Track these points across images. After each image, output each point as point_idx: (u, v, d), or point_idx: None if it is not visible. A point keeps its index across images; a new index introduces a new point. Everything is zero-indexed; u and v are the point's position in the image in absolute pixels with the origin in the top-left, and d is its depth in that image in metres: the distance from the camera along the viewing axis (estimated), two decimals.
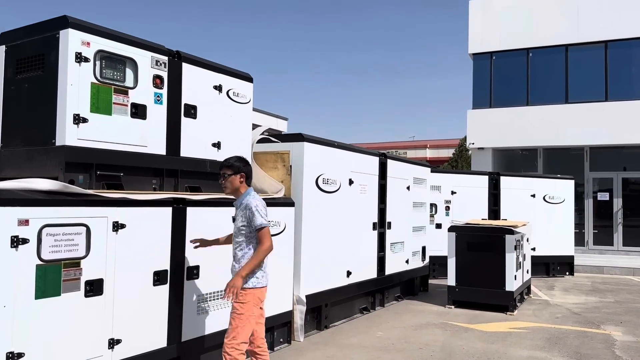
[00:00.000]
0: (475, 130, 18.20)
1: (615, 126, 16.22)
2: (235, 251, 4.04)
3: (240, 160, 4.14)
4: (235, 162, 4.09)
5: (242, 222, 3.99)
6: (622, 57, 16.81)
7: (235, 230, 4.06)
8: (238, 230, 4.02)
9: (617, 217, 16.87)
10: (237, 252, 4.02)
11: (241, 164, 4.11)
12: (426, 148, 40.96)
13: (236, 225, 4.05)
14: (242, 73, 5.42)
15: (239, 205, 4.07)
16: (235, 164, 4.08)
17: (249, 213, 3.95)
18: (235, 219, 4.09)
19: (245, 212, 3.97)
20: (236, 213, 4.09)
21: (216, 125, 5.09)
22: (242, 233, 4.00)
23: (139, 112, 4.33)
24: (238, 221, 4.03)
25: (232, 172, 4.06)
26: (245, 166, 4.14)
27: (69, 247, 3.67)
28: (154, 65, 4.46)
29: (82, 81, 3.95)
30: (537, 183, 12.41)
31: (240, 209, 4.03)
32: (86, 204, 3.77)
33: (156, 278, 4.28)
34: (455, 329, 6.96)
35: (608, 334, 6.87)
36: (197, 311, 4.68)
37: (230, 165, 4.08)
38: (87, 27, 4.02)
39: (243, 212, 4.00)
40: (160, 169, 4.59)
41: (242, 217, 3.99)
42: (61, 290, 3.62)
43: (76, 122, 3.91)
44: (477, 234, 8.43)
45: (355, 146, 7.77)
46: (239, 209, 4.06)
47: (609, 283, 11.55)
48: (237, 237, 4.03)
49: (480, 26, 18.39)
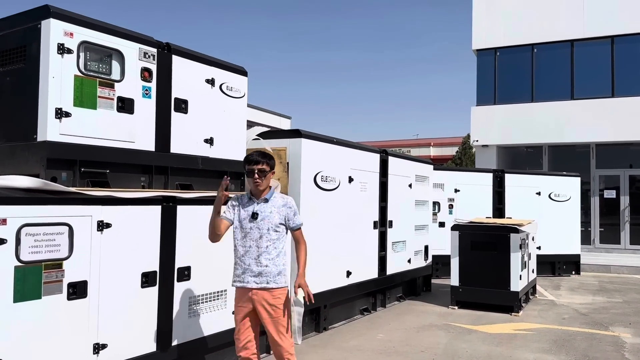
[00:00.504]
0: (479, 127, 17.96)
1: (622, 123, 15.95)
2: (269, 248, 3.76)
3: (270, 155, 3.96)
4: (270, 158, 3.88)
5: (280, 219, 3.81)
6: (629, 52, 16.51)
7: (268, 227, 3.76)
8: (273, 227, 3.78)
9: (624, 215, 16.60)
10: (271, 250, 3.76)
11: (273, 159, 3.94)
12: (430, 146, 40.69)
13: (270, 221, 3.77)
14: (236, 66, 5.23)
15: (269, 202, 3.82)
16: (271, 160, 3.88)
17: (289, 211, 3.84)
18: (257, 214, 3.76)
19: (285, 210, 3.83)
20: (263, 209, 3.79)
21: (208, 121, 4.90)
22: (278, 231, 3.81)
23: (126, 106, 4.15)
24: (274, 218, 3.78)
25: (270, 169, 3.84)
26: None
27: (50, 248, 3.49)
28: (142, 58, 4.27)
29: (64, 74, 3.77)
30: (542, 181, 12.18)
31: (276, 207, 3.82)
32: (68, 202, 3.60)
33: (144, 280, 4.11)
34: (459, 331, 6.76)
35: (617, 335, 6.65)
36: (188, 314, 4.50)
37: (269, 160, 3.85)
38: (71, 17, 3.84)
39: (281, 209, 3.82)
40: (149, 166, 4.40)
41: (279, 215, 3.81)
42: (42, 293, 3.45)
43: (58, 116, 3.73)
44: (481, 232, 8.22)
45: (355, 143, 7.58)
46: (267, 204, 3.81)
47: (617, 282, 11.31)
48: (270, 234, 3.77)
49: (484, 21, 18.12)
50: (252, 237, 3.77)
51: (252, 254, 3.76)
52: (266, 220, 3.78)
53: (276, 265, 3.77)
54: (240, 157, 5.32)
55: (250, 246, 3.77)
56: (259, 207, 3.80)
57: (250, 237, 3.77)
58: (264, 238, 3.76)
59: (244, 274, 3.77)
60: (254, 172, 3.77)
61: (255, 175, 3.76)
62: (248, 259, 3.76)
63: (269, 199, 3.83)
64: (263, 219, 3.77)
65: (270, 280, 3.74)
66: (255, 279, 3.74)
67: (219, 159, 5.01)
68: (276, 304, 3.74)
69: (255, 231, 3.77)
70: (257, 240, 3.76)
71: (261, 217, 3.77)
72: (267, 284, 3.74)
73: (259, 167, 3.77)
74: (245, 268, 3.77)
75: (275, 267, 3.77)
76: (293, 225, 3.86)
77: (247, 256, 3.76)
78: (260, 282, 3.73)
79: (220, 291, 4.80)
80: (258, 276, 3.74)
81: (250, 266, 3.75)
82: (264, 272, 3.74)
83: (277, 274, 3.77)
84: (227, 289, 4.85)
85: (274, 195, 3.87)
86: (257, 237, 3.76)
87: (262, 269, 3.74)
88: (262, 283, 3.73)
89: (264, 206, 3.81)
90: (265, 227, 3.76)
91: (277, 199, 3.87)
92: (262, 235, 3.76)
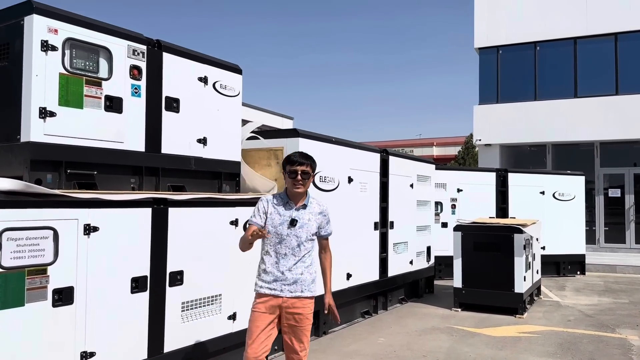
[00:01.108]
0: (482, 126, 17.78)
1: (627, 120, 15.75)
2: (305, 257, 3.57)
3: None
4: (313, 160, 3.65)
5: (316, 227, 3.62)
6: (633, 49, 16.31)
7: (305, 235, 3.56)
8: (310, 235, 3.59)
9: (629, 214, 16.39)
10: (306, 258, 3.58)
11: (315, 163, 3.70)
12: (433, 146, 40.50)
13: (308, 230, 3.57)
14: (229, 64, 5.09)
15: (307, 208, 3.60)
16: (314, 163, 3.65)
17: (324, 220, 3.66)
18: (296, 221, 3.53)
19: (320, 218, 3.64)
20: (302, 216, 3.57)
21: (201, 120, 4.76)
22: (313, 239, 3.63)
23: (114, 105, 4.00)
24: (312, 226, 3.59)
25: (312, 172, 3.61)
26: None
27: (33, 253, 3.35)
28: (130, 55, 4.13)
29: (49, 72, 3.63)
30: (546, 180, 11.99)
31: (313, 214, 3.61)
32: (53, 205, 3.45)
33: (134, 285, 3.96)
34: (462, 334, 6.60)
35: (624, 338, 6.48)
36: (181, 320, 4.35)
37: (312, 163, 3.63)
38: (55, 13, 3.70)
39: (317, 217, 3.62)
40: (140, 167, 4.26)
41: (316, 223, 3.62)
42: (25, 300, 3.30)
43: (42, 116, 3.59)
44: (484, 233, 8.05)
45: (355, 142, 7.42)
46: (305, 211, 3.59)
47: (622, 282, 11.12)
48: (306, 243, 3.58)
49: (486, 20, 17.95)
50: (288, 245, 3.54)
51: (288, 262, 3.53)
52: (304, 229, 3.56)
53: (310, 274, 3.60)
54: (235, 158, 5.20)
55: (286, 254, 3.54)
56: (298, 214, 3.57)
57: (287, 245, 3.54)
58: (301, 247, 3.56)
59: (275, 282, 3.53)
60: (297, 174, 3.52)
61: (299, 177, 3.52)
62: (282, 266, 3.53)
63: (307, 205, 3.61)
64: (302, 227, 3.55)
65: (305, 288, 3.56)
66: (290, 287, 3.53)
67: (212, 159, 4.87)
68: (304, 313, 3.56)
69: (292, 239, 3.54)
70: (294, 248, 3.54)
71: (300, 224, 3.55)
72: (302, 293, 3.55)
73: (302, 168, 3.54)
74: (277, 276, 3.53)
75: (310, 275, 3.60)
76: (324, 234, 3.69)
77: (281, 264, 3.54)
78: (295, 291, 3.53)
79: (214, 296, 4.65)
80: (293, 284, 3.53)
81: (285, 274, 3.53)
82: (299, 280, 3.54)
83: (311, 282, 3.60)
84: (222, 294, 4.71)
85: (310, 201, 3.66)
86: (295, 245, 3.54)
87: (298, 277, 3.54)
88: (297, 292, 3.53)
89: (302, 213, 3.59)
90: (304, 236, 3.56)
91: (314, 205, 3.66)
92: (300, 244, 3.55)
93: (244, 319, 4.88)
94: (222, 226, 4.72)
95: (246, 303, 4.93)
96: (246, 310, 4.89)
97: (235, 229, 4.81)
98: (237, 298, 4.84)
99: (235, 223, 4.82)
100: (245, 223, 4.64)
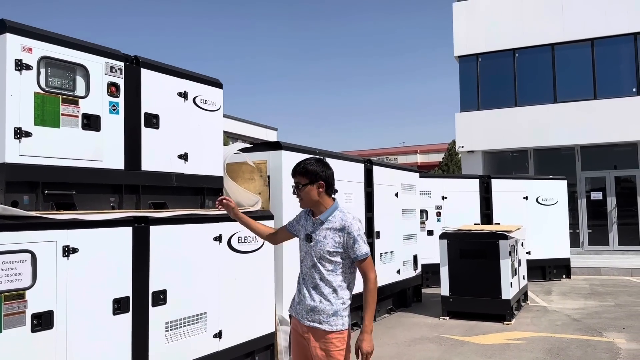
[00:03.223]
0: (464, 133, 17.93)
1: (605, 124, 16.00)
2: (323, 281, 3.06)
3: (319, 164, 3.17)
4: (311, 166, 3.12)
5: (335, 246, 3.06)
6: (609, 54, 16.62)
7: (320, 255, 3.07)
8: (326, 255, 3.06)
9: (612, 216, 16.60)
10: (325, 283, 3.06)
11: (319, 169, 3.13)
12: (417, 153, 40.69)
13: (323, 249, 3.06)
14: (210, 78, 5.04)
15: (325, 224, 3.11)
16: (310, 168, 3.11)
17: (348, 238, 3.05)
18: (311, 237, 3.11)
19: (342, 235, 3.06)
20: (317, 231, 3.11)
21: (182, 135, 4.69)
22: (334, 261, 3.06)
23: (92, 123, 3.93)
24: (327, 244, 3.06)
25: (308, 181, 3.10)
26: (325, 171, 3.15)
27: (10, 277, 3.25)
28: (108, 72, 4.07)
29: (23, 91, 3.55)
30: (529, 185, 12.10)
31: (331, 230, 3.08)
32: (30, 228, 3.36)
33: (116, 306, 3.86)
34: (451, 343, 6.57)
35: (611, 341, 6.50)
36: (165, 340, 4.26)
37: (305, 171, 3.11)
38: (29, 31, 3.62)
39: (336, 233, 3.07)
40: (119, 185, 4.18)
41: (334, 240, 3.06)
42: (2, 326, 3.20)
43: (17, 136, 3.50)
44: (470, 240, 8.07)
45: (339, 153, 7.41)
46: (322, 226, 3.11)
47: (608, 285, 11.22)
48: (323, 264, 3.07)
49: (465, 28, 18.16)
50: (306, 264, 3.15)
51: (308, 282, 3.12)
52: (318, 247, 3.08)
53: (331, 303, 3.04)
54: (217, 172, 5.13)
55: (306, 274, 3.15)
56: (314, 228, 3.14)
57: (306, 264, 3.15)
58: (317, 267, 3.08)
59: (299, 305, 3.15)
60: (294, 187, 3.19)
61: (295, 190, 3.17)
62: (305, 287, 3.13)
63: (324, 220, 3.11)
64: (316, 244, 3.09)
65: (323, 320, 3.04)
66: (307, 315, 3.09)
67: (194, 175, 4.80)
68: (329, 350, 3.02)
69: (308, 257, 3.13)
70: (311, 268, 3.11)
71: (314, 241, 3.10)
72: (320, 325, 3.04)
73: (295, 180, 3.16)
74: (300, 298, 3.15)
75: (330, 306, 3.04)
76: (354, 257, 3.07)
77: (304, 283, 3.14)
78: (313, 321, 3.06)
79: (199, 314, 4.56)
80: (310, 312, 3.07)
81: (305, 298, 3.10)
82: (316, 308, 3.06)
83: (331, 314, 3.03)
84: (207, 312, 4.63)
85: (333, 214, 3.11)
86: (311, 264, 3.12)
87: (315, 305, 3.06)
88: (315, 322, 3.05)
89: (318, 228, 3.12)
90: (318, 255, 3.08)
91: (336, 220, 3.09)
92: (315, 264, 3.08)
93: (230, 337, 4.84)
94: (205, 242, 4.64)
95: (232, 320, 4.88)
96: (232, 327, 4.85)
97: (219, 244, 4.75)
98: (222, 315, 4.76)
99: (219, 239, 4.75)
100: None
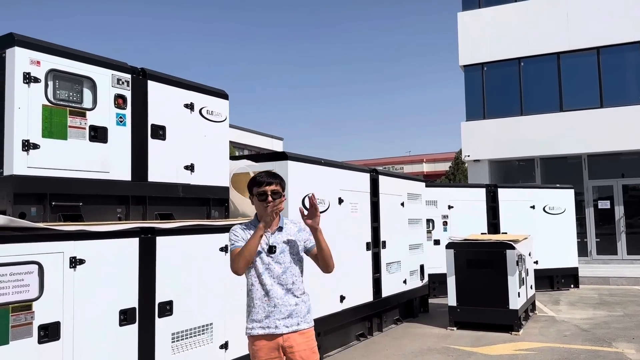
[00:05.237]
0: (470, 142, 17.89)
1: (612, 133, 15.92)
2: (295, 284, 3.23)
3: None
4: (281, 179, 3.28)
5: (300, 247, 3.30)
6: (615, 62, 16.58)
7: (290, 259, 3.23)
8: (296, 258, 3.27)
9: (620, 225, 16.47)
10: (297, 286, 3.25)
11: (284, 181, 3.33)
12: (423, 162, 40.69)
13: (292, 253, 3.25)
14: (216, 90, 5.08)
15: (284, 230, 3.27)
16: (283, 181, 3.28)
17: (305, 233, 3.29)
18: (274, 248, 3.21)
19: (302, 235, 3.29)
20: (279, 239, 3.24)
21: (188, 147, 4.72)
22: (301, 261, 3.31)
23: (99, 135, 3.97)
24: (297, 246, 3.27)
25: (282, 191, 3.23)
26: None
27: (18, 289, 3.28)
28: (115, 84, 4.11)
29: (32, 104, 3.60)
30: (536, 194, 12.04)
31: (292, 234, 3.28)
32: (37, 239, 3.39)
33: (123, 317, 3.88)
34: (458, 354, 6.52)
35: (621, 352, 6.43)
36: (172, 351, 4.26)
37: (281, 181, 3.25)
38: (37, 45, 3.68)
39: (298, 235, 3.28)
40: (126, 196, 4.21)
41: (298, 242, 3.28)
42: (9, 337, 3.22)
43: (25, 148, 3.54)
44: (477, 250, 8.03)
45: (344, 163, 7.41)
46: (282, 233, 3.25)
47: (616, 295, 11.11)
48: (293, 267, 3.24)
49: (470, 37, 18.19)
50: (273, 274, 3.20)
51: (277, 292, 3.19)
52: (287, 253, 3.24)
53: (305, 302, 3.27)
54: (223, 183, 5.15)
55: (272, 284, 3.19)
56: (274, 238, 3.23)
57: (271, 274, 3.20)
58: (288, 273, 3.21)
59: (268, 318, 3.17)
60: (267, 195, 3.15)
61: (269, 198, 3.14)
62: (273, 299, 3.18)
63: (283, 227, 3.27)
64: (283, 252, 3.23)
65: (301, 320, 3.22)
66: (285, 321, 3.17)
67: (200, 185, 4.82)
68: (310, 347, 3.22)
69: (275, 266, 3.20)
70: (280, 277, 3.20)
71: (280, 249, 3.22)
72: (299, 325, 3.20)
73: (271, 188, 3.16)
74: (270, 310, 3.18)
75: (305, 305, 3.27)
76: (310, 246, 3.29)
77: (270, 296, 3.18)
78: (291, 325, 3.18)
79: (206, 325, 4.56)
80: (288, 318, 3.18)
81: (277, 307, 3.18)
82: (294, 312, 3.20)
83: (306, 313, 3.27)
84: (213, 322, 4.63)
85: (285, 222, 3.31)
86: (279, 273, 3.20)
87: (292, 309, 3.20)
88: (293, 325, 3.18)
89: (279, 236, 3.24)
90: (288, 260, 3.23)
91: (290, 225, 3.32)
92: (286, 270, 3.21)
93: (236, 348, 4.82)
94: (211, 253, 4.66)
95: (238, 331, 4.86)
96: (238, 338, 4.83)
97: (225, 255, 4.75)
98: (228, 326, 4.75)
99: (225, 249, 4.75)
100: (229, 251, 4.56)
